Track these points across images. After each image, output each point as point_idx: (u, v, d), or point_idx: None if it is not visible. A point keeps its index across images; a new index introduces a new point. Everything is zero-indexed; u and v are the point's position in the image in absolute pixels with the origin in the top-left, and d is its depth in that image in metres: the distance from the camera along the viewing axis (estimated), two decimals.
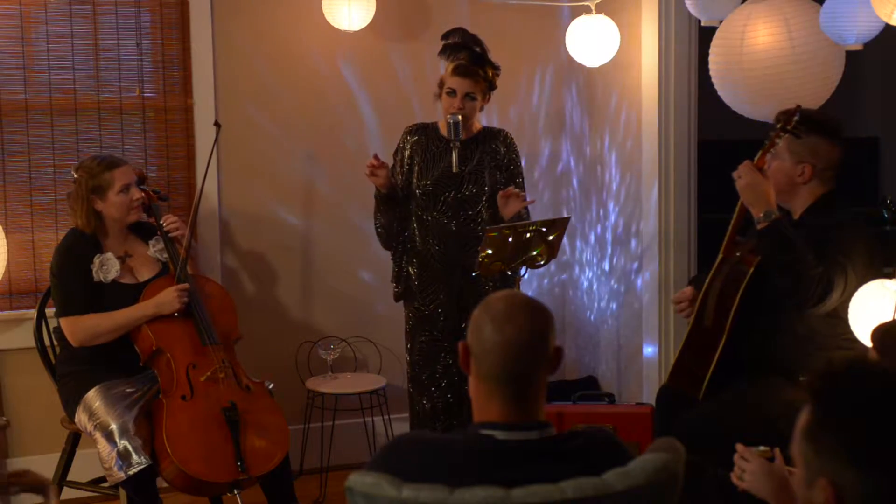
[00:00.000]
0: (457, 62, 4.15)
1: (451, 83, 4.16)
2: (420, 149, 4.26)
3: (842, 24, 3.38)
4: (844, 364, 1.64)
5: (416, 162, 4.26)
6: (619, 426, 4.10)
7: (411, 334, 4.33)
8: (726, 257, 3.57)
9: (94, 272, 3.93)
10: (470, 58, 4.16)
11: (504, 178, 4.26)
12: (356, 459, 4.37)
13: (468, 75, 4.14)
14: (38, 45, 4.49)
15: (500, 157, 4.27)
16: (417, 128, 4.33)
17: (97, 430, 3.73)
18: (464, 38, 4.20)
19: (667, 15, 4.58)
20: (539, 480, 1.98)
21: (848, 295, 3.22)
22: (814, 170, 3.46)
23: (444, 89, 4.20)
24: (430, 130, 4.30)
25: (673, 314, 4.66)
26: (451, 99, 4.16)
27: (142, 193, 4.01)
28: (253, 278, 4.86)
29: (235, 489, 3.73)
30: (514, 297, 2.15)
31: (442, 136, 4.27)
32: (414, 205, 4.25)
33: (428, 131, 4.30)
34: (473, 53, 4.18)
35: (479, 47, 4.20)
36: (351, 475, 2.05)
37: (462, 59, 4.15)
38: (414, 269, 4.28)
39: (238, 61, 4.74)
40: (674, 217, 4.67)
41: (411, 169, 4.26)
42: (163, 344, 3.89)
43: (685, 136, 4.66)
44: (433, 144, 4.26)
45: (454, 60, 4.17)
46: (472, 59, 4.16)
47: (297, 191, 4.89)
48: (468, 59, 4.15)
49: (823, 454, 1.56)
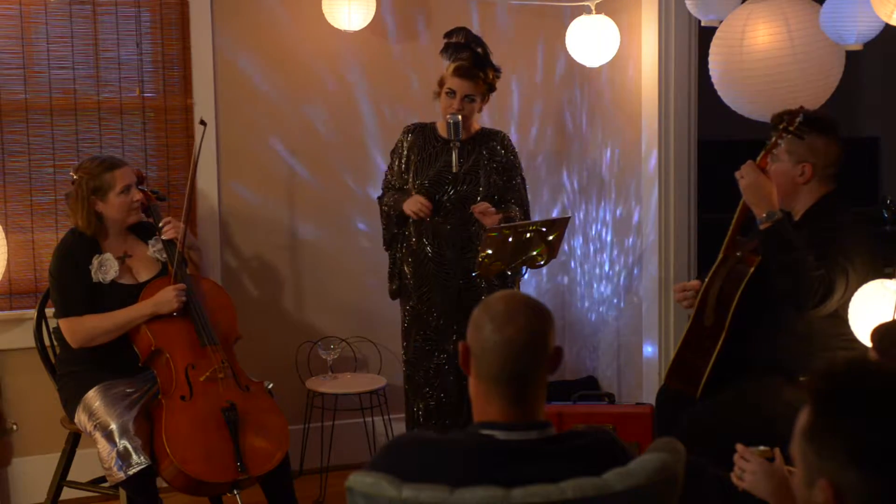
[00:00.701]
0: (458, 63, 4.15)
1: (452, 84, 4.15)
2: (417, 148, 4.27)
3: (842, 24, 3.38)
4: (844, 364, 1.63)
5: (412, 161, 4.26)
6: (619, 426, 4.09)
7: (406, 333, 4.34)
8: (727, 256, 3.57)
9: (93, 273, 3.92)
10: (472, 59, 4.15)
11: (501, 181, 4.26)
12: (356, 459, 4.38)
13: (469, 77, 4.13)
14: (38, 45, 4.49)
15: (500, 158, 4.27)
16: (415, 127, 4.34)
17: (97, 430, 3.72)
18: (467, 38, 4.20)
19: (667, 15, 4.58)
20: (539, 480, 1.98)
21: (849, 296, 3.22)
22: (814, 169, 3.45)
23: (443, 89, 4.19)
24: (428, 130, 4.30)
25: (673, 314, 4.66)
26: (450, 99, 4.16)
27: (141, 194, 4.01)
28: (253, 278, 4.86)
29: (235, 489, 3.73)
30: (514, 297, 2.15)
31: (439, 136, 4.28)
32: None
33: (426, 131, 4.31)
34: (475, 54, 4.17)
35: (481, 48, 4.20)
36: (351, 475, 2.05)
37: (464, 60, 4.14)
38: (409, 267, 4.29)
39: (238, 61, 4.74)
40: (674, 217, 4.67)
41: (408, 168, 4.26)
42: (162, 344, 3.89)
43: (685, 136, 4.66)
44: (430, 144, 4.27)
45: (456, 60, 4.17)
46: (474, 61, 4.15)
47: (297, 191, 4.89)
48: (470, 60, 4.15)
49: (824, 454, 1.56)
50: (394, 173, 4.32)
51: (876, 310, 3.03)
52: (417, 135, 4.30)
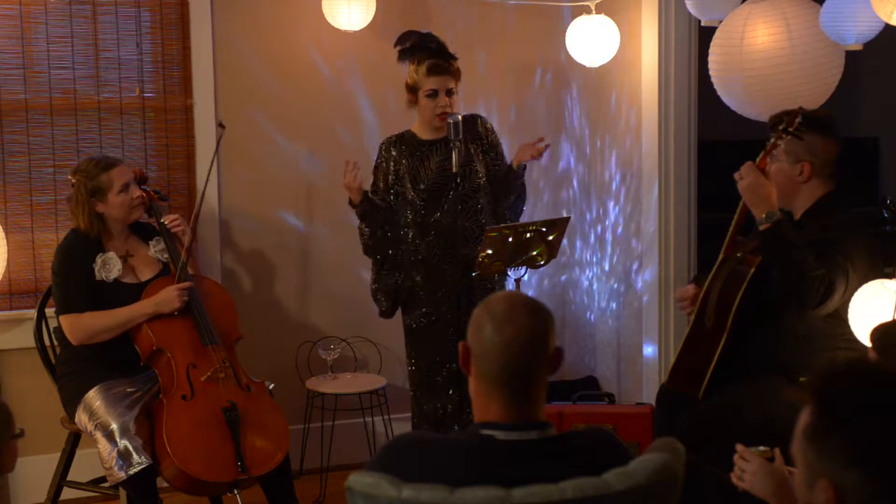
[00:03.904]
0: (428, 62, 4.18)
1: (430, 84, 4.19)
2: (404, 158, 4.26)
3: (842, 24, 3.38)
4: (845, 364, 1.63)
5: (403, 172, 4.25)
6: (619, 426, 4.09)
7: (416, 341, 4.31)
8: (727, 257, 3.58)
9: (97, 271, 3.92)
10: (439, 57, 4.19)
11: (495, 157, 4.30)
12: (356, 459, 4.39)
13: (443, 72, 4.20)
14: (38, 45, 4.49)
15: (484, 139, 4.31)
16: (394, 140, 4.32)
17: (97, 429, 3.72)
18: (420, 39, 4.25)
19: (667, 15, 4.58)
20: (539, 480, 1.98)
21: (849, 296, 3.22)
22: (812, 167, 3.45)
23: (422, 92, 4.21)
24: (408, 138, 4.30)
25: (673, 314, 4.66)
26: (433, 100, 4.19)
27: (141, 192, 4.01)
28: (253, 278, 4.86)
29: (235, 489, 3.73)
30: (514, 297, 2.15)
31: (422, 140, 4.29)
32: (411, 213, 4.24)
33: (405, 139, 4.30)
34: (437, 51, 4.21)
35: (434, 43, 4.24)
36: (351, 475, 2.05)
37: (431, 59, 4.18)
38: (420, 278, 4.26)
39: (238, 61, 4.74)
40: (674, 217, 4.67)
41: (400, 180, 4.25)
42: (162, 344, 3.89)
43: (685, 136, 4.66)
44: (417, 150, 4.27)
45: (420, 62, 4.20)
46: (438, 55, 4.20)
47: (297, 191, 4.89)
48: (435, 57, 4.18)
49: (824, 455, 1.56)
50: (379, 190, 4.30)
51: (876, 310, 3.03)
52: (399, 146, 4.28)
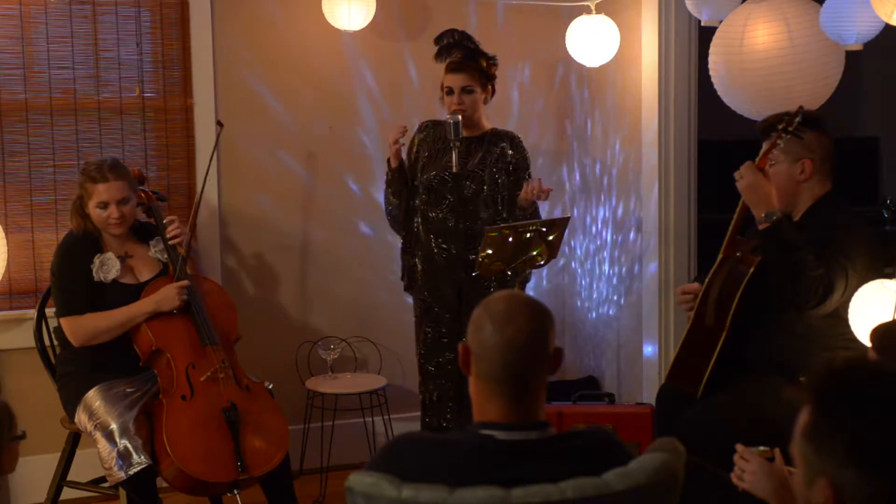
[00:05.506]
0: (448, 60, 4.22)
1: (447, 81, 4.25)
2: (427, 145, 4.34)
3: (842, 24, 3.38)
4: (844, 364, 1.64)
5: (422, 156, 4.32)
6: (619, 426, 4.10)
7: (419, 324, 4.36)
8: (727, 256, 3.57)
9: (95, 272, 3.92)
10: (463, 54, 4.21)
11: (509, 181, 4.28)
12: (356, 459, 4.39)
13: (461, 69, 4.22)
14: (38, 45, 4.49)
15: (507, 159, 4.30)
16: (428, 124, 4.42)
17: (97, 429, 3.72)
18: (455, 38, 4.27)
19: (667, 15, 4.58)
20: (539, 480, 1.98)
21: (848, 296, 3.22)
22: (813, 163, 3.46)
23: (443, 90, 4.26)
24: (440, 128, 4.34)
25: (673, 314, 4.66)
26: (450, 98, 4.23)
27: (123, 211, 3.91)
28: (253, 279, 4.86)
29: (235, 489, 3.73)
30: (514, 297, 2.15)
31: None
32: (419, 201, 4.29)
33: (437, 128, 4.36)
34: (467, 50, 4.24)
35: (471, 43, 4.27)
36: (351, 475, 2.05)
37: (455, 57, 4.21)
38: (420, 262, 4.31)
39: (238, 61, 4.74)
40: (674, 217, 4.68)
41: (418, 162, 4.31)
42: (162, 344, 3.89)
43: (685, 136, 4.66)
44: (439, 141, 4.32)
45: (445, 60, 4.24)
46: (465, 55, 4.22)
47: (297, 191, 4.89)
48: (461, 56, 4.21)
49: (823, 454, 1.56)
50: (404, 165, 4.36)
51: (876, 310, 3.03)
52: (429, 132, 4.37)
